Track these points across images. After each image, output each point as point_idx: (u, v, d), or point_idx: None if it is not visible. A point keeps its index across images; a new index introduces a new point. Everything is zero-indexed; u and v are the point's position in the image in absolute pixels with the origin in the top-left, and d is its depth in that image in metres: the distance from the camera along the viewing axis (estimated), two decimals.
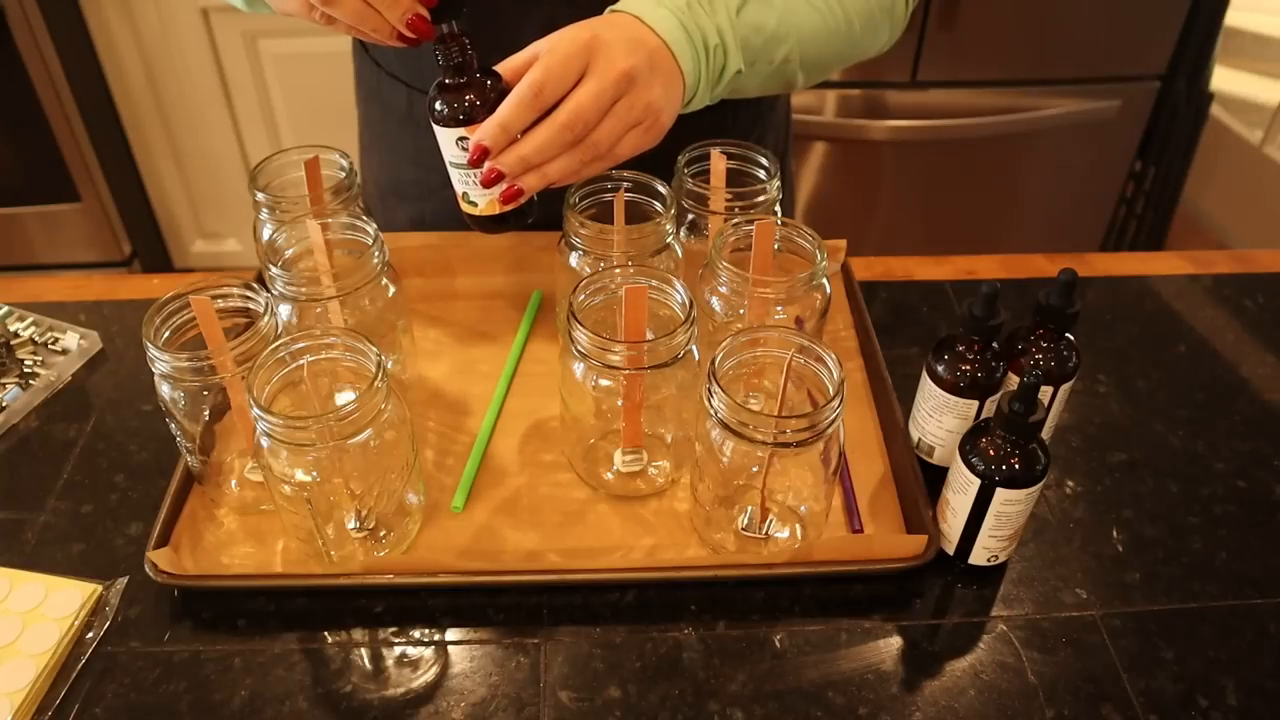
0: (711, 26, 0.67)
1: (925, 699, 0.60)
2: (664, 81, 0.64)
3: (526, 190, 0.64)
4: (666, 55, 0.65)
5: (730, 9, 0.67)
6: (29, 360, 0.83)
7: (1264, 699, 0.60)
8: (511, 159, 0.62)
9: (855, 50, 0.78)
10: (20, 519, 0.71)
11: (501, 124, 0.61)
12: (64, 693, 0.60)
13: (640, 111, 0.63)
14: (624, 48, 0.62)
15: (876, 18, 0.77)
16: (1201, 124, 1.88)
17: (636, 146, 0.65)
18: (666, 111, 0.65)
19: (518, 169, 0.62)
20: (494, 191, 0.63)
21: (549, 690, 0.60)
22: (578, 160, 0.63)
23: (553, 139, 0.61)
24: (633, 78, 0.62)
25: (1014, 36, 1.75)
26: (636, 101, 0.63)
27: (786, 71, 0.73)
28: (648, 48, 0.63)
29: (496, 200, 0.64)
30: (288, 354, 0.61)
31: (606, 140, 0.63)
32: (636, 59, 0.62)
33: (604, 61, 0.61)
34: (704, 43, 0.66)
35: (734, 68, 0.68)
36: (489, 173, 0.62)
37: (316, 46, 1.88)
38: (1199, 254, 0.99)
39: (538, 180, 0.63)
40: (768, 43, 0.70)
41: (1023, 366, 0.68)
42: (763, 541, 0.67)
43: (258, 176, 0.77)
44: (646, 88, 0.63)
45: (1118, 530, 0.70)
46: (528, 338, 0.85)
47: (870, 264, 0.95)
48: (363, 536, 0.66)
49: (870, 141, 1.84)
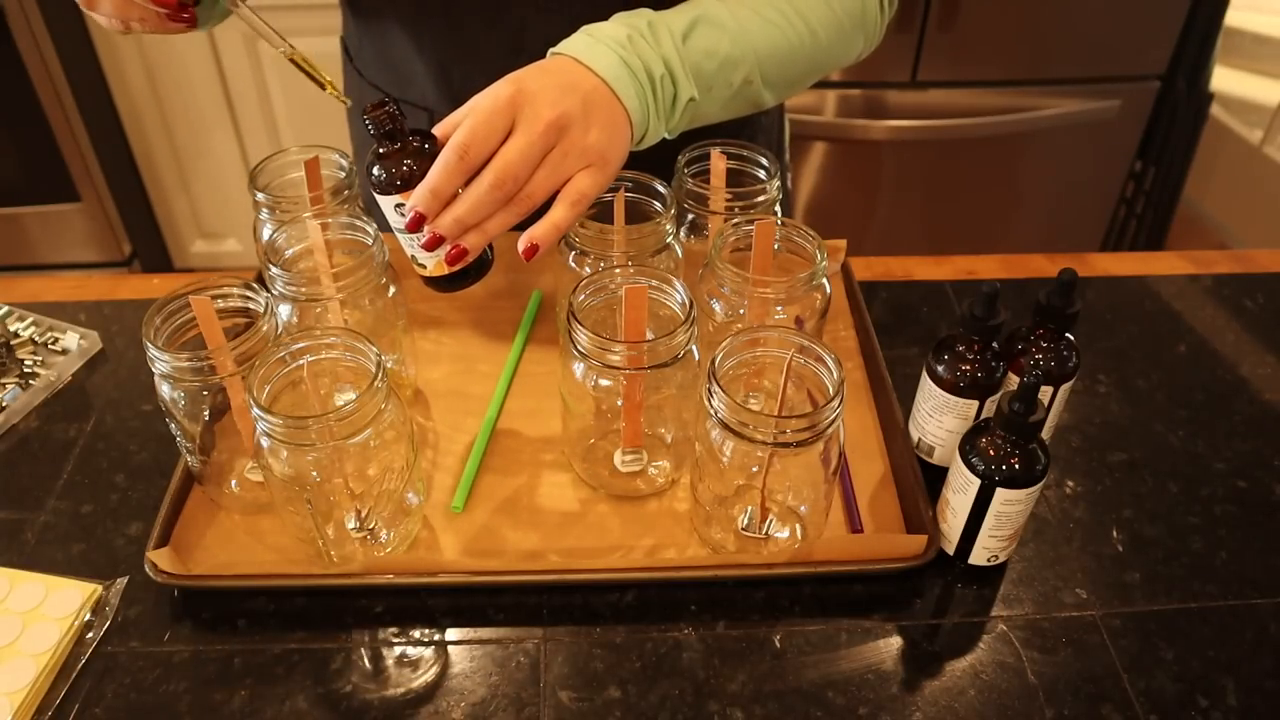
0: (655, 57, 0.65)
1: (925, 699, 0.60)
2: (602, 122, 0.63)
3: (471, 249, 0.63)
4: (605, 93, 0.63)
5: (676, 36, 0.66)
6: (29, 360, 0.83)
7: (1264, 699, 0.60)
8: (447, 222, 0.61)
9: (827, 61, 0.76)
10: (20, 519, 0.71)
11: (431, 190, 0.60)
12: (64, 693, 0.60)
13: (576, 158, 0.62)
14: (551, 96, 0.61)
15: (846, 27, 0.75)
16: (1201, 124, 1.88)
17: (589, 186, 0.64)
18: (612, 150, 0.64)
19: (455, 231, 0.62)
20: (439, 253, 0.63)
21: (549, 690, 0.60)
22: (514, 215, 0.62)
23: (484, 198, 0.61)
24: (562, 126, 0.61)
25: (1014, 36, 1.75)
26: (570, 149, 0.62)
27: (749, 93, 0.72)
28: (580, 90, 0.62)
29: (443, 262, 0.63)
30: (288, 354, 0.61)
31: (542, 192, 0.62)
32: (566, 105, 0.61)
33: (530, 113, 0.60)
34: (648, 75, 0.65)
35: (685, 96, 0.67)
36: (430, 237, 0.62)
37: (316, 46, 1.88)
38: (1199, 254, 0.99)
39: (478, 238, 0.63)
40: (722, 67, 0.68)
41: (1023, 366, 0.68)
42: (763, 541, 0.67)
43: (258, 176, 0.77)
44: (581, 133, 0.62)
45: (1118, 530, 0.70)
46: (528, 338, 0.85)
47: (870, 264, 0.95)
48: (363, 536, 0.66)
49: (870, 141, 1.84)
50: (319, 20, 1.83)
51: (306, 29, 1.87)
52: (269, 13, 0.72)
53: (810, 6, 0.73)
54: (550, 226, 0.63)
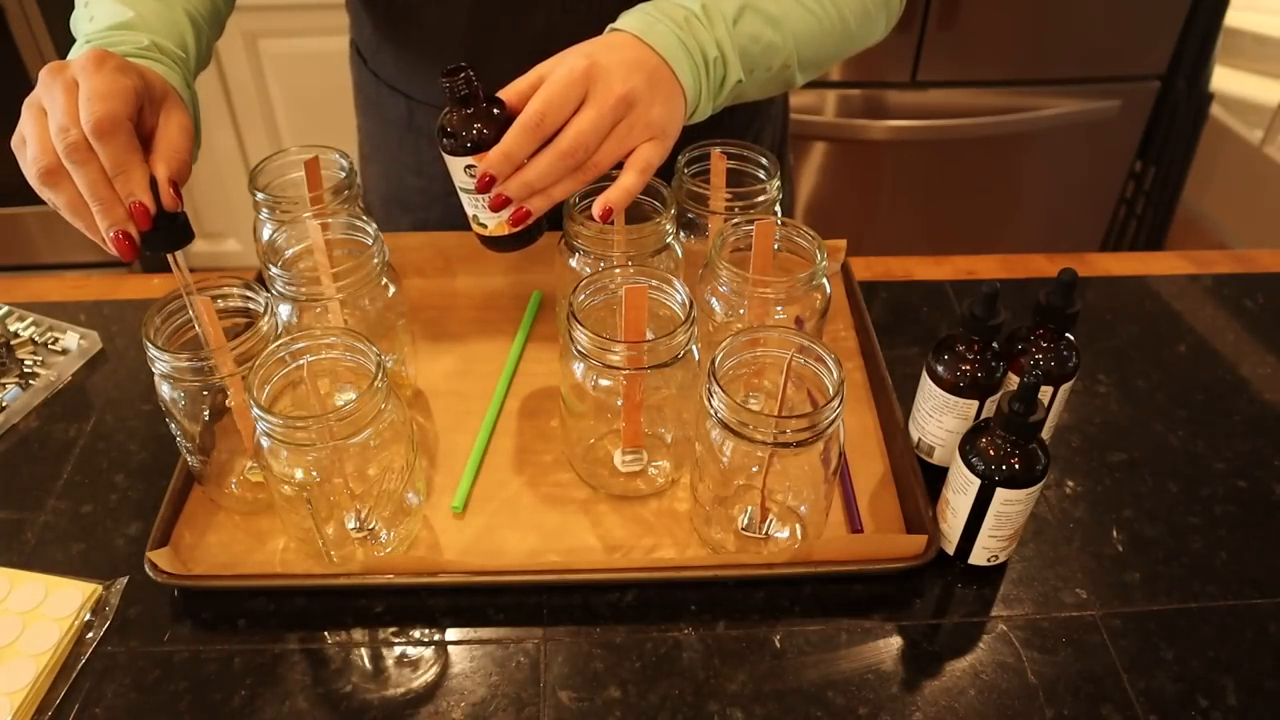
0: (710, 40, 0.68)
1: (925, 699, 0.60)
2: (664, 98, 0.65)
3: (534, 212, 0.66)
4: (666, 72, 0.66)
5: (727, 21, 0.69)
6: (29, 360, 0.83)
7: (1264, 699, 0.60)
8: (517, 185, 0.64)
9: (852, 45, 0.79)
10: (20, 519, 0.71)
11: (506, 153, 0.63)
12: (64, 693, 0.60)
13: (641, 131, 0.65)
14: (622, 71, 0.64)
15: (872, 13, 0.78)
16: (1201, 124, 1.88)
17: (654, 155, 0.66)
18: (671, 124, 0.67)
19: (523, 194, 0.64)
20: (503, 215, 0.66)
21: (549, 690, 0.60)
22: (580, 182, 0.65)
23: (555, 165, 0.63)
24: (631, 101, 0.63)
25: (1014, 36, 1.75)
26: (636, 122, 0.64)
27: (785, 75, 0.74)
28: (646, 67, 0.65)
29: (506, 223, 0.66)
30: (288, 354, 0.61)
31: (607, 162, 0.65)
32: (634, 81, 0.64)
33: (602, 87, 0.63)
34: (703, 56, 0.68)
35: (734, 78, 0.70)
36: (496, 198, 0.64)
37: (316, 46, 1.88)
38: (1199, 254, 0.99)
39: (544, 202, 0.65)
40: (765, 50, 0.71)
41: (1023, 366, 0.68)
42: (763, 541, 0.67)
43: (258, 176, 0.77)
44: (646, 108, 0.64)
45: (1118, 530, 0.70)
46: (528, 338, 0.85)
47: (870, 264, 0.95)
48: (363, 536, 0.66)
49: (870, 141, 1.84)
50: (323, 20, 1.83)
51: (310, 29, 1.88)
52: (275, 12, 0.72)
53: None
54: (623, 192, 0.65)
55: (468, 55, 0.82)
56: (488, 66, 0.66)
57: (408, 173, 0.94)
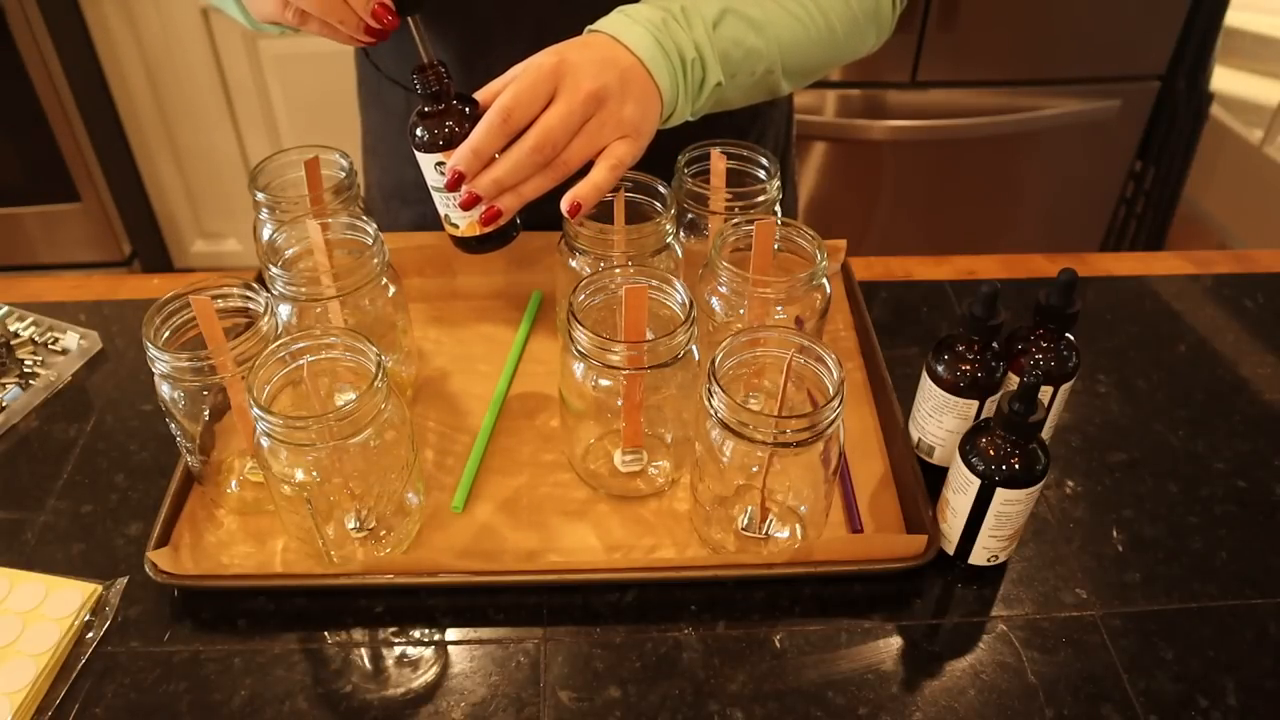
0: (688, 41, 0.67)
1: (925, 699, 0.60)
2: (637, 97, 0.65)
3: (505, 210, 0.66)
4: (640, 72, 0.66)
5: (707, 23, 0.68)
6: (29, 360, 0.83)
7: (1264, 699, 0.60)
8: (485, 182, 0.64)
9: (840, 54, 0.79)
10: (20, 519, 0.71)
11: (473, 149, 0.63)
12: (64, 693, 0.60)
13: (612, 129, 0.64)
14: (592, 69, 0.63)
15: (860, 22, 0.78)
16: (1201, 124, 1.88)
17: (626, 153, 0.66)
18: (645, 123, 0.66)
19: (492, 191, 0.64)
20: (474, 214, 0.66)
21: (549, 690, 0.60)
22: (549, 180, 0.65)
23: (523, 161, 0.63)
24: (601, 98, 0.63)
25: (1014, 36, 1.75)
26: (608, 120, 0.64)
27: (769, 82, 0.74)
28: (619, 66, 0.64)
29: (477, 222, 0.66)
30: (288, 354, 0.61)
31: (577, 159, 0.64)
32: (605, 79, 0.63)
33: (570, 83, 0.63)
34: (680, 58, 0.67)
35: (714, 80, 0.69)
36: (466, 196, 0.64)
37: (316, 46, 1.88)
38: (1199, 254, 0.99)
39: (514, 200, 0.65)
40: (747, 56, 0.71)
41: (1023, 366, 0.68)
42: (763, 541, 0.67)
43: (258, 176, 0.77)
44: (618, 106, 0.64)
45: (1118, 530, 0.70)
46: (528, 338, 0.85)
47: (870, 264, 0.95)
48: (363, 536, 0.66)
49: (870, 141, 1.84)
50: None
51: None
52: None
53: (830, 2, 0.76)
54: (592, 187, 0.65)
55: (465, 47, 0.83)
56: (485, 59, 0.66)
57: (408, 165, 0.94)
